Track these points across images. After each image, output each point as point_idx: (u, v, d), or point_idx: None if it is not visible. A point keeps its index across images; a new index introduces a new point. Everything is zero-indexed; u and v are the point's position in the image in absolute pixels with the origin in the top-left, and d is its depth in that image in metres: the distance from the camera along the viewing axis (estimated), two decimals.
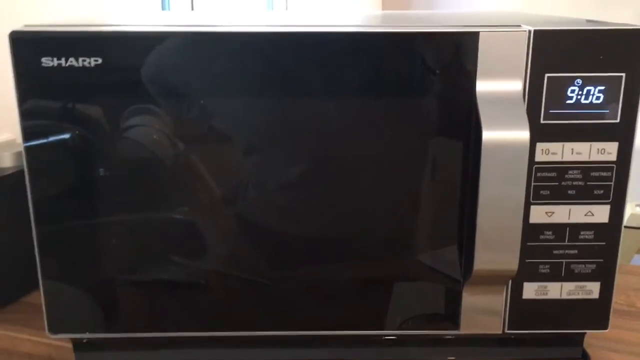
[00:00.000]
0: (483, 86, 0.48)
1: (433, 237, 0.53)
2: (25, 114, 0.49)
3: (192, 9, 1.24)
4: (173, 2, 1.15)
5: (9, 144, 0.76)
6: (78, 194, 0.51)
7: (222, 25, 0.50)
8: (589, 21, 0.54)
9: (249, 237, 0.55)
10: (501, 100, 0.48)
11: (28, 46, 0.47)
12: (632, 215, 1.96)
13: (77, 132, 0.49)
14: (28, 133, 0.49)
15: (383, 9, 2.31)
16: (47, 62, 0.47)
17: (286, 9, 1.67)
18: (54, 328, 0.54)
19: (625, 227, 0.51)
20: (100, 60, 0.47)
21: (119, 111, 0.49)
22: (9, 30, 0.47)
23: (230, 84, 0.50)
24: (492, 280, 0.51)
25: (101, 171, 0.51)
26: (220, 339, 0.56)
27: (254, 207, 0.54)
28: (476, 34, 0.47)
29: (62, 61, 0.47)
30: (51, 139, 0.50)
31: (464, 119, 0.49)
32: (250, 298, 0.55)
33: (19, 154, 0.67)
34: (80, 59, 0.47)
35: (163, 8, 1.12)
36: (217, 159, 0.52)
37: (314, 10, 1.78)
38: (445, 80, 0.49)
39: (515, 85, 0.48)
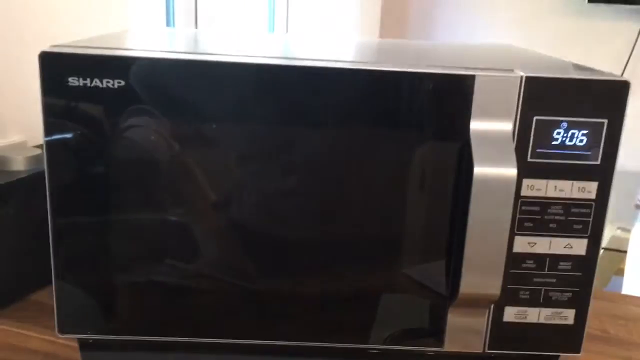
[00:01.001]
0: (476, 125, 0.52)
1: (423, 255, 0.57)
2: (49, 123, 0.52)
3: (196, 27, 1.27)
4: (178, 19, 1.18)
5: (20, 145, 0.79)
6: (89, 191, 0.54)
7: (230, 55, 0.53)
8: (576, 66, 0.58)
9: (240, 243, 0.57)
10: (492, 138, 0.52)
11: (56, 65, 0.50)
12: (613, 238, 2.01)
13: (81, 130, 0.52)
14: (49, 130, 0.52)
15: (381, 33, 2.35)
16: (73, 81, 0.50)
17: (287, 31, 1.70)
18: (64, 328, 0.57)
19: (605, 249, 0.56)
20: (123, 83, 0.50)
21: (119, 109, 0.51)
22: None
23: (231, 110, 0.53)
24: (476, 303, 0.55)
25: (105, 168, 0.53)
26: (212, 345, 0.59)
27: (247, 213, 0.56)
28: (473, 77, 0.51)
29: (88, 81, 0.50)
30: (60, 136, 0.52)
31: (457, 154, 0.53)
32: (238, 303, 0.58)
33: (31, 158, 0.70)
34: (105, 80, 0.50)
35: (168, 24, 1.16)
36: (212, 164, 0.55)
37: (314, 35, 1.81)
38: (441, 117, 0.53)
39: (506, 126, 0.52)
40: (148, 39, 0.69)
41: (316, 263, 0.58)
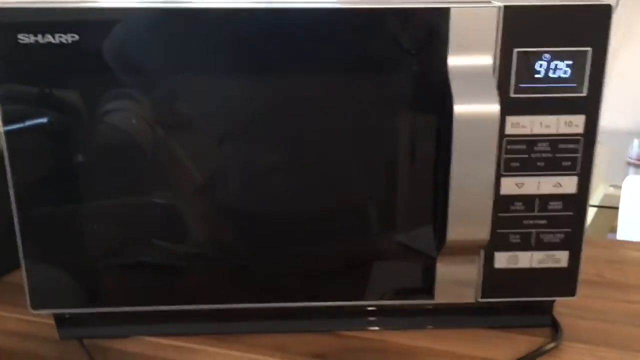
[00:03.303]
0: (455, 61, 0.49)
1: (409, 214, 0.55)
2: (4, 97, 0.49)
3: None
4: None
5: None
6: (59, 178, 0.52)
7: (198, 2, 0.51)
8: None
9: (230, 221, 0.56)
10: (472, 74, 0.49)
11: (4, 22, 0.47)
12: (606, 196, 2.00)
13: (56, 115, 0.50)
14: (8, 118, 0.50)
15: None
16: (23, 38, 0.47)
17: None
18: (36, 304, 0.55)
19: (599, 206, 0.53)
20: (77, 37, 0.47)
21: (97, 94, 0.50)
22: None
23: (206, 64, 0.50)
24: (465, 249, 0.53)
25: (81, 155, 0.51)
26: (204, 312, 0.57)
27: (234, 191, 0.54)
28: (447, 10, 0.48)
29: (39, 37, 0.47)
30: (31, 123, 0.50)
31: (437, 94, 0.50)
32: (231, 278, 0.56)
33: None
34: (57, 35, 0.47)
35: None
36: (196, 144, 0.53)
37: None
38: (418, 56, 0.50)
39: (485, 60, 0.49)
40: None
41: (304, 236, 0.56)
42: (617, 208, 1.81)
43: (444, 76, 0.49)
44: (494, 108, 0.48)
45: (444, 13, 0.48)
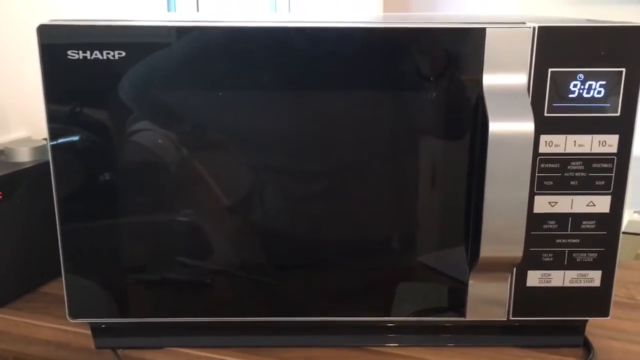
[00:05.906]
0: (489, 80, 0.50)
1: (442, 233, 0.55)
2: (52, 114, 0.51)
3: (198, 11, 1.26)
4: (179, 4, 1.18)
5: (25, 140, 0.78)
6: (95, 194, 0.53)
7: (240, 21, 0.52)
8: (590, 20, 0.56)
9: (254, 240, 0.57)
10: (507, 93, 0.50)
11: (55, 39, 0.49)
12: (630, 222, 1.97)
13: (91, 133, 0.52)
14: (54, 134, 0.51)
15: (384, 11, 2.33)
16: (72, 54, 0.49)
17: (289, 11, 1.68)
18: (75, 314, 0.56)
19: (624, 233, 0.53)
20: (124, 54, 0.49)
21: (126, 112, 0.51)
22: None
23: (236, 84, 0.51)
24: (498, 267, 0.53)
25: (113, 173, 0.53)
26: (230, 325, 0.58)
27: (259, 211, 0.55)
28: (483, 30, 0.49)
29: (87, 54, 0.49)
30: (73, 139, 0.52)
31: (471, 113, 0.51)
32: (256, 294, 0.57)
33: (36, 149, 0.69)
34: (105, 52, 0.49)
35: (169, 9, 1.15)
36: (219, 165, 0.54)
37: (317, 12, 1.79)
38: (453, 75, 0.51)
39: (520, 79, 0.50)
40: (148, 15, 0.68)
41: (332, 256, 0.57)
42: None
43: (478, 95, 0.50)
44: (529, 126, 0.49)
45: (479, 33, 0.49)
